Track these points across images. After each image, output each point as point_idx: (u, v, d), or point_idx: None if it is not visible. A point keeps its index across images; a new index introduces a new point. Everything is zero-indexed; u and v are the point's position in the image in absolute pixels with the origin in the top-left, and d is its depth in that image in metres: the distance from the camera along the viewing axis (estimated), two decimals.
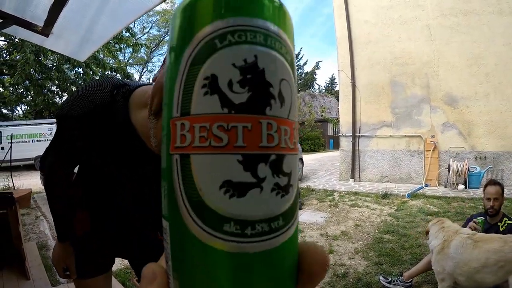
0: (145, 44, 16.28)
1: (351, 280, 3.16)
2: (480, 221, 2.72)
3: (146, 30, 25.73)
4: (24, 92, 11.90)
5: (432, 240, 2.60)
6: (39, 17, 2.86)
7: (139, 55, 25.43)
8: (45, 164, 1.13)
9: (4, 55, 10.62)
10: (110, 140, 0.93)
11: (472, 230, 2.61)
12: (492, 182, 2.79)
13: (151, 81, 0.89)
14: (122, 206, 1.17)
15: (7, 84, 11.43)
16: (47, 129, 13.74)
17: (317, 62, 45.88)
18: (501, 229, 2.63)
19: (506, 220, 2.69)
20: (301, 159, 9.75)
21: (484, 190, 2.82)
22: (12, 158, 8.60)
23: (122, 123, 0.89)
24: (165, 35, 26.30)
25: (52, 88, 11.15)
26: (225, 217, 0.21)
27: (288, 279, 0.24)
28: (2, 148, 13.49)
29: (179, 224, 0.22)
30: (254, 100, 0.21)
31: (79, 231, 1.26)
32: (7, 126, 15.11)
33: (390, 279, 3.00)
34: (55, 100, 12.47)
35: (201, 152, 0.21)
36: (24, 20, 2.91)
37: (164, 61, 0.75)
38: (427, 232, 2.72)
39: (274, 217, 0.22)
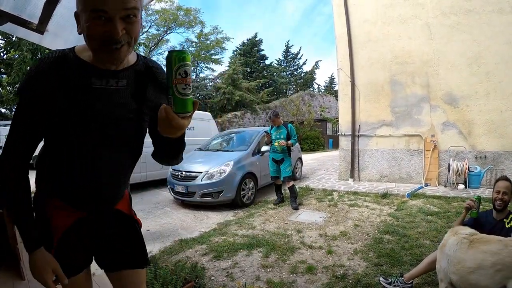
0: (144, 43, 16.16)
1: (350, 281, 3.10)
2: (476, 198, 2.75)
3: (145, 29, 25.65)
4: None
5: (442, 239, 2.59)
6: (34, 15, 2.85)
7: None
8: (5, 161, 1.11)
9: (2, 54, 10.57)
10: (72, 79, 1.08)
11: (469, 208, 2.74)
12: (504, 178, 2.76)
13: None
14: (100, 172, 1.21)
15: (5, 83, 11.38)
16: None
17: (317, 62, 45.70)
18: (507, 226, 2.58)
19: None
20: (300, 159, 9.73)
21: (494, 185, 2.78)
22: None
23: (75, 62, 1.08)
24: (164, 34, 26.25)
25: None
26: None
27: None
28: (0, 148, 13.48)
29: None
30: None
31: (62, 228, 1.22)
32: (5, 125, 15.06)
33: (390, 280, 2.95)
34: None
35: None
36: (19, 17, 2.89)
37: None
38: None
39: None
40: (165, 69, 0.91)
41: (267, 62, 35.46)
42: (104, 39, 0.99)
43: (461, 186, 7.21)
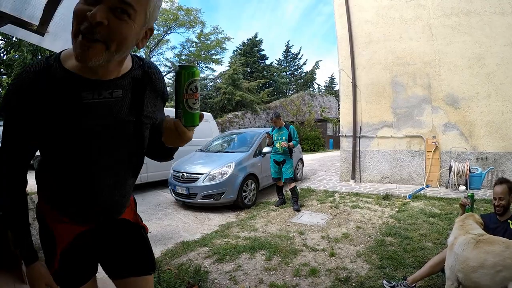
0: None
1: (354, 284, 3.11)
2: (470, 194, 2.84)
3: None
4: None
5: (450, 236, 2.62)
6: (34, 16, 2.84)
7: (138, 54, 25.33)
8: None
9: (2, 54, 10.56)
10: (58, 94, 0.99)
11: (464, 205, 2.84)
12: (499, 181, 2.76)
13: None
14: (101, 183, 1.15)
15: (5, 84, 11.36)
16: None
17: (317, 62, 45.73)
18: (511, 227, 2.59)
19: None
20: (301, 160, 9.72)
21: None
22: None
23: (60, 74, 0.99)
24: (164, 34, 26.24)
25: None
26: None
27: None
28: None
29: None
30: None
31: (64, 240, 1.19)
32: None
33: (394, 284, 2.95)
34: None
35: None
36: (20, 18, 2.88)
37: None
38: None
39: None
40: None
41: (268, 62, 35.48)
42: (80, 23, 0.86)
43: (462, 188, 7.21)
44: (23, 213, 1.12)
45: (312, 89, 37.74)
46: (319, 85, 43.42)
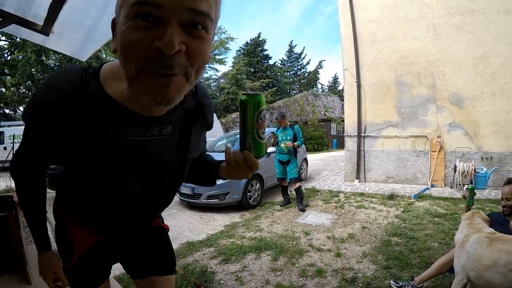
0: None
1: (360, 285, 3.11)
2: (470, 187, 2.87)
3: None
4: (27, 92, 11.83)
5: (458, 234, 2.61)
6: (39, 16, 2.82)
7: None
8: (15, 170, 1.02)
9: (6, 55, 10.60)
10: (92, 124, 0.81)
11: (464, 197, 2.89)
12: (508, 182, 2.75)
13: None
14: (127, 201, 1.03)
15: (9, 84, 11.41)
16: None
17: (320, 62, 45.73)
18: None
19: None
20: (306, 160, 9.72)
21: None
22: None
23: (99, 100, 0.79)
24: None
25: None
26: None
27: None
28: (5, 148, 13.58)
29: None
30: None
31: (82, 246, 1.16)
32: (9, 126, 15.18)
33: (401, 284, 2.95)
34: None
35: None
36: (24, 18, 2.88)
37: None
38: None
39: None
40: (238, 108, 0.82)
41: (271, 62, 35.57)
42: (147, 55, 0.62)
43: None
44: (40, 202, 1.10)
45: (315, 88, 37.74)
46: (322, 84, 43.53)
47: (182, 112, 0.92)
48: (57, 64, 10.31)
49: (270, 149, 6.64)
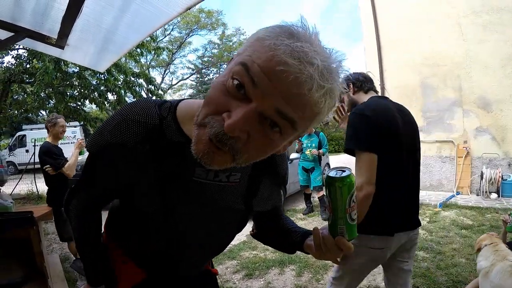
0: (167, 47, 16.37)
1: None
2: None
3: (167, 32, 25.99)
4: (46, 100, 12.09)
5: (482, 261, 2.53)
6: (53, 29, 2.79)
7: (161, 57, 25.72)
8: (71, 207, 0.98)
9: (24, 63, 10.83)
10: (165, 162, 0.80)
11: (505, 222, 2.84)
12: None
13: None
14: (187, 245, 0.99)
15: (29, 92, 11.67)
16: (70, 132, 14.00)
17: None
18: None
19: None
20: (328, 164, 9.63)
21: None
22: (36, 161, 8.83)
23: (176, 141, 0.78)
24: (186, 37, 26.52)
25: (75, 94, 11.32)
26: None
27: None
28: (27, 151, 13.92)
29: None
30: None
31: (127, 283, 1.09)
32: (31, 129, 15.59)
33: None
34: (77, 107, 12.58)
35: None
36: (37, 32, 2.85)
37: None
38: (478, 250, 2.65)
39: None
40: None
41: None
42: (210, 119, 0.61)
43: (494, 195, 6.94)
44: (98, 239, 1.05)
45: None
46: None
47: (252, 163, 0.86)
48: (76, 71, 10.47)
49: (293, 155, 6.62)
